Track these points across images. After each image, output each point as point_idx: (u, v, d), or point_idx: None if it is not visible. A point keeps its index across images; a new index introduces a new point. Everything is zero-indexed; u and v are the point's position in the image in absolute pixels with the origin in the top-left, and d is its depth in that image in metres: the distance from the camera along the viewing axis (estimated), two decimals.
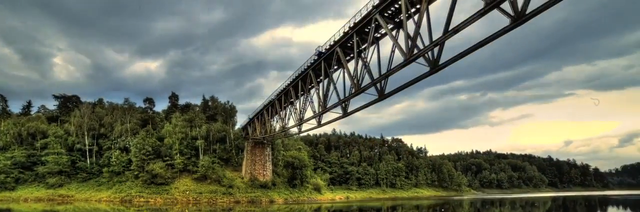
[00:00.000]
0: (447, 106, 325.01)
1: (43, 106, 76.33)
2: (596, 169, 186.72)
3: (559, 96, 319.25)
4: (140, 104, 72.83)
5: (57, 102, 73.82)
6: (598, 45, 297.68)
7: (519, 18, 16.13)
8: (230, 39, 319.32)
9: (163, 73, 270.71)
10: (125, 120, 64.76)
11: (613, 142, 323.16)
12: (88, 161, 60.82)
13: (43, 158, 58.22)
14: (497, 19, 17.70)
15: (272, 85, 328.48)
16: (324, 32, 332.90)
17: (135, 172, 55.33)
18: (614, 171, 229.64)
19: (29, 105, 75.58)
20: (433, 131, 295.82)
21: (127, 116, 65.55)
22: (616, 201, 55.18)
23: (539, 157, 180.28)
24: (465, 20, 18.05)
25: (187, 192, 54.33)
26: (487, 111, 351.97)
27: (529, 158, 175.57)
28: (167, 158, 57.84)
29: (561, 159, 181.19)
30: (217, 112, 70.22)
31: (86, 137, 62.55)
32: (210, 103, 72.67)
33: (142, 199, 52.18)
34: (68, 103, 73.09)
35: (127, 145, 61.22)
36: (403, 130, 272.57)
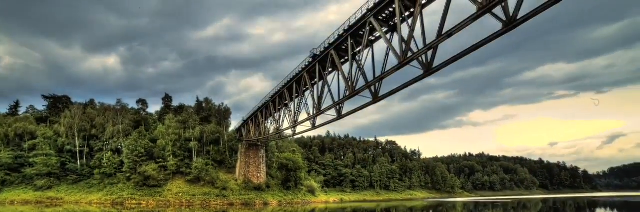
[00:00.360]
0: (424, 106, 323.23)
1: (31, 106, 75.26)
2: (585, 172, 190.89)
3: (539, 96, 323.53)
4: (133, 105, 72.28)
5: (46, 103, 72.70)
6: (573, 38, 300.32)
7: (511, 23, 16.44)
8: (176, 32, 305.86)
9: (120, 70, 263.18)
10: (118, 121, 63.99)
11: (596, 143, 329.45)
12: (78, 163, 59.85)
13: (31, 159, 57.03)
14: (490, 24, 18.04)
15: (233, 83, 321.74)
16: (278, 26, 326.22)
17: (128, 174, 54.60)
18: (601, 174, 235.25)
19: (16, 105, 74.26)
20: (414, 132, 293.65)
21: (119, 117, 64.78)
22: (604, 203, 56.24)
23: (530, 160, 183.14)
24: (458, 25, 18.35)
25: (180, 195, 53.77)
26: (467, 111, 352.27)
27: (520, 161, 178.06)
28: (160, 160, 57.21)
29: (543, 160, 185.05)
30: (211, 113, 69.85)
31: (77, 138, 61.60)
32: (204, 105, 72.27)
33: (134, 202, 51.47)
34: (58, 104, 71.99)
35: (119, 146, 60.46)
36: (384, 131, 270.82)
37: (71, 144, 60.80)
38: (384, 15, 24.59)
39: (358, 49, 28.09)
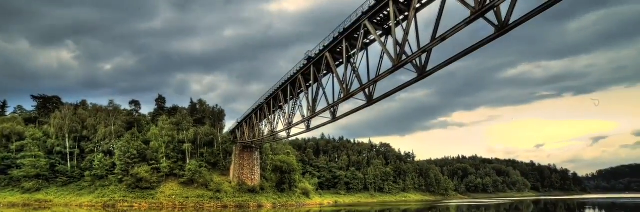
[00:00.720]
0: (403, 106, 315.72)
1: (20, 107, 73.73)
2: (575, 174, 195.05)
3: (522, 97, 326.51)
4: (125, 106, 71.49)
5: (36, 103, 71.32)
6: (549, 32, 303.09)
7: (503, 28, 16.77)
8: (124, 25, 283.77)
9: (76, 66, 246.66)
10: (110, 122, 63.20)
11: (581, 145, 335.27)
12: (69, 165, 58.87)
13: (19, 161, 55.77)
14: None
15: (197, 81, 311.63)
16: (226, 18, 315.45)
17: (119, 176, 53.87)
18: (590, 176, 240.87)
19: (3, 105, 72.86)
20: (396, 132, 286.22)
21: (112, 118, 64.00)
22: (593, 204, 57.38)
23: (522, 162, 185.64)
24: (451, 29, 18.64)
25: (173, 197, 53.19)
26: (450, 111, 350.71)
27: (512, 163, 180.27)
28: (153, 162, 56.58)
29: (534, 163, 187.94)
30: (205, 115, 69.39)
31: (67, 139, 60.65)
32: (198, 106, 71.83)
33: (126, 204, 50.75)
34: (48, 104, 70.75)
35: (111, 148, 59.63)
36: (366, 131, 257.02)
37: (61, 146, 59.77)
38: (378, 18, 24.86)
39: (353, 52, 28.28)
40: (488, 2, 16.56)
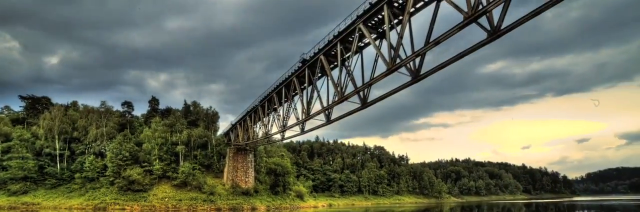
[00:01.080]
0: (382, 106, 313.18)
1: (7, 107, 72.17)
2: (565, 177, 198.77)
3: (504, 98, 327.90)
4: (118, 107, 70.53)
5: (24, 103, 69.72)
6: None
7: (495, 33, 17.08)
8: (57, 10, 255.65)
9: (20, 59, 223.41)
10: (101, 124, 62.37)
11: (566, 147, 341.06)
12: (58, 166, 57.73)
13: (5, 163, 54.46)
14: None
15: (152, 78, 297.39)
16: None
17: (111, 179, 53.06)
18: (579, 179, 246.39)
19: None
20: (378, 133, 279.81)
21: (103, 119, 63.16)
22: (582, 206, 58.25)
23: (514, 165, 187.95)
24: (444, 33, 18.92)
25: (166, 200, 52.56)
26: (432, 111, 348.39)
27: (505, 166, 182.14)
28: (146, 164, 55.90)
29: (526, 165, 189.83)
30: (199, 117, 68.88)
31: (57, 141, 59.56)
32: (191, 108, 71.35)
33: (117, 207, 49.99)
34: (37, 105, 69.31)
35: (102, 150, 58.79)
36: (347, 133, 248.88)
37: (50, 147, 58.54)
38: (373, 22, 25.11)
39: (347, 55, 28.48)
40: (480, 7, 16.88)
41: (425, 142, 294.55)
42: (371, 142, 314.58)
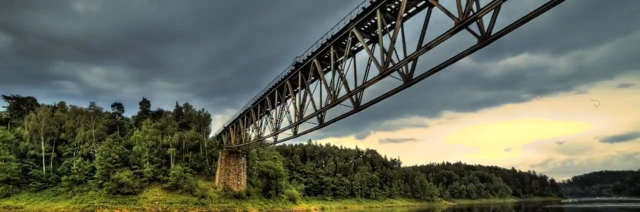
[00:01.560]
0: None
1: None
2: (552, 180, 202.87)
3: (490, 98, 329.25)
4: (107, 109, 69.38)
5: (7, 104, 67.89)
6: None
7: (485, 38, 17.48)
8: None
9: None
10: (90, 125, 61.26)
11: (547, 149, 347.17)
12: (44, 169, 56.34)
13: None
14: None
15: (86, 72, 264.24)
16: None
17: (100, 181, 52.07)
18: (566, 182, 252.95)
19: None
20: (352, 133, 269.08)
21: (92, 121, 62.02)
22: (569, 209, 59.27)
23: (503, 169, 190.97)
24: (436, 38, 19.27)
25: (157, 203, 51.73)
26: (408, 112, 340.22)
27: (495, 170, 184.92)
28: (136, 166, 55.06)
29: (515, 169, 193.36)
30: (190, 120, 68.30)
31: (43, 142, 58.19)
32: (183, 110, 70.72)
33: (106, 210, 48.98)
34: (22, 105, 67.66)
35: (91, 152, 57.71)
36: (322, 132, 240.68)
37: (36, 149, 57.09)
38: (366, 26, 25.39)
39: (340, 59, 28.70)
40: (471, 14, 17.27)
41: (406, 143, 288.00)
42: (348, 143, 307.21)
